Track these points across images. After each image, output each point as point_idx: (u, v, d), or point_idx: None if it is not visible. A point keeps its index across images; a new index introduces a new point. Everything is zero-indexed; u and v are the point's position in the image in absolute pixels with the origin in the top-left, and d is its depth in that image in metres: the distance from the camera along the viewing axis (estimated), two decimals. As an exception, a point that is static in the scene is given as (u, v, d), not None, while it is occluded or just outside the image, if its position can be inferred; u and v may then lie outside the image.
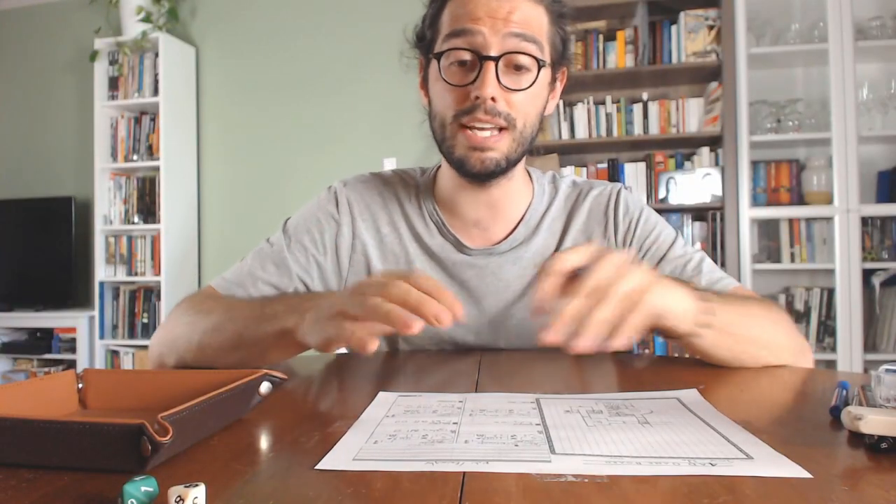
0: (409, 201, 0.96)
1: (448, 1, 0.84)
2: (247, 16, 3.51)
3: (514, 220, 0.93)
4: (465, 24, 0.80)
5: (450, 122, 0.83)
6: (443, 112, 0.84)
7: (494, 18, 0.79)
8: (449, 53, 0.82)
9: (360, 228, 0.94)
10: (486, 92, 0.79)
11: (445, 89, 0.83)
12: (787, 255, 2.74)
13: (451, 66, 0.82)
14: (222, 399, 0.45)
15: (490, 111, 0.80)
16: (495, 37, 0.79)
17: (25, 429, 0.39)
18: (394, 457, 0.40)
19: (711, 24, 2.79)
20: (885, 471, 0.38)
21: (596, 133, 2.96)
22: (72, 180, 3.66)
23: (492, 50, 0.79)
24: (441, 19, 0.85)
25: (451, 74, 0.82)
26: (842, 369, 2.55)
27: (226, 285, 0.89)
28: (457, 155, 0.84)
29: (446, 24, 0.83)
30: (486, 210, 0.92)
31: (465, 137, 0.82)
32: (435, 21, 0.86)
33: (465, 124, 0.82)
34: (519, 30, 0.80)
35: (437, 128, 0.86)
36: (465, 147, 0.83)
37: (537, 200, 0.95)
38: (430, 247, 0.93)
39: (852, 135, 2.56)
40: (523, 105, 0.82)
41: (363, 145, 3.32)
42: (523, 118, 0.83)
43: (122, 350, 3.40)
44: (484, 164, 0.83)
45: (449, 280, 0.92)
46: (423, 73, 0.91)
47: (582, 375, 0.74)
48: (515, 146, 0.84)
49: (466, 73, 0.81)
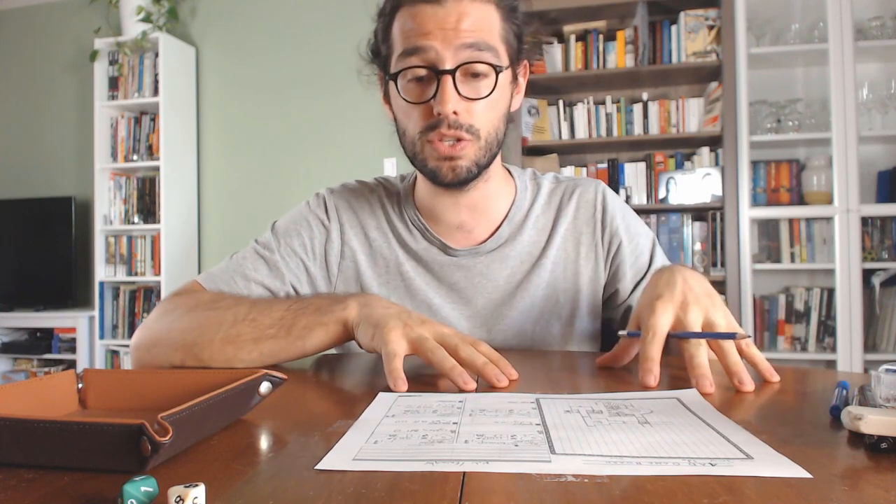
0: (392, 209, 0.96)
1: (396, 14, 0.83)
2: (247, 16, 3.51)
3: (498, 220, 0.94)
4: (416, 41, 0.79)
5: (417, 138, 0.84)
6: (410, 129, 0.85)
7: (444, 30, 0.78)
8: (405, 72, 0.81)
9: (349, 235, 0.94)
10: (446, 108, 0.79)
11: (407, 107, 0.83)
12: (787, 255, 2.74)
13: (408, 83, 0.82)
14: (222, 399, 0.45)
15: (453, 125, 0.80)
16: (448, 50, 0.78)
17: (25, 429, 0.39)
18: (394, 457, 0.40)
19: (711, 24, 2.79)
20: (885, 471, 0.38)
21: (596, 133, 2.96)
22: (72, 180, 3.66)
23: (447, 63, 0.79)
24: (392, 33, 0.84)
25: (410, 92, 0.82)
26: (842, 369, 2.55)
27: (213, 281, 0.88)
28: (429, 167, 0.85)
29: (398, 42, 0.82)
30: (468, 213, 0.92)
31: (432, 149, 0.83)
32: (387, 35, 0.85)
33: (431, 140, 0.82)
34: (471, 39, 0.79)
35: (407, 144, 0.87)
36: (434, 158, 0.83)
37: (520, 197, 0.95)
38: (416, 251, 0.93)
39: (852, 135, 2.56)
40: (486, 112, 0.82)
41: (363, 145, 3.32)
42: (486, 126, 0.83)
43: (122, 350, 3.40)
44: (455, 171, 0.83)
45: (438, 283, 0.92)
46: (383, 87, 0.91)
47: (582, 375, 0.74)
48: (482, 153, 0.84)
49: (425, 89, 0.81)
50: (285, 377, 0.53)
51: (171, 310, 0.81)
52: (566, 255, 0.94)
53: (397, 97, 0.84)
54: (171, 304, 0.83)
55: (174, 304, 0.83)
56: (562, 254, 0.94)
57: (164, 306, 0.83)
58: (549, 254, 0.93)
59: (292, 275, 0.91)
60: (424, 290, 0.92)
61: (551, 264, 0.93)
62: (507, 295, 0.92)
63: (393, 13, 0.84)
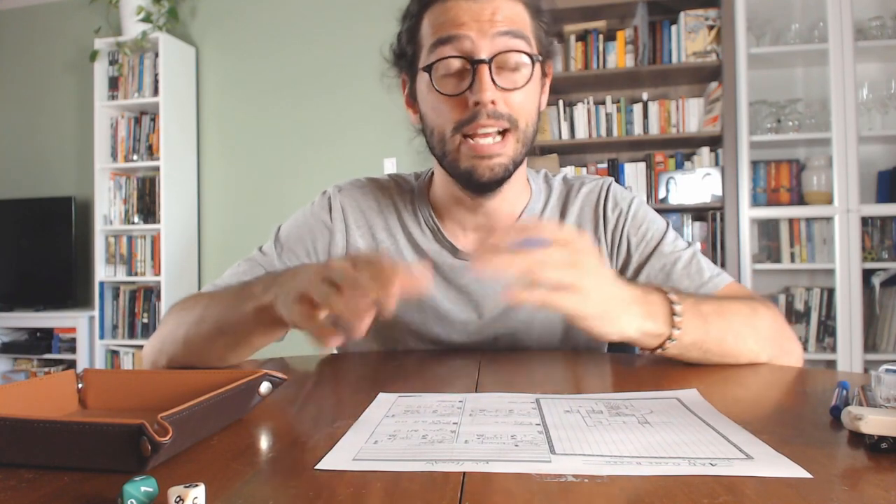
0: (406, 207, 0.95)
1: (425, 13, 0.82)
2: (247, 16, 3.50)
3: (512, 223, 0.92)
4: (450, 31, 0.78)
5: (450, 134, 0.81)
6: (441, 125, 0.82)
7: (479, 21, 0.78)
8: (438, 64, 0.79)
9: (355, 236, 0.94)
10: (485, 96, 0.77)
11: (440, 101, 0.81)
12: (787, 255, 2.74)
13: (442, 76, 0.80)
14: (222, 399, 0.45)
15: (492, 115, 0.78)
16: (484, 39, 0.78)
17: (25, 429, 0.39)
18: (394, 457, 0.40)
19: (711, 24, 2.79)
20: (885, 471, 0.38)
21: (596, 133, 2.96)
22: (72, 180, 3.66)
23: (483, 53, 0.77)
24: (421, 33, 0.83)
25: (444, 85, 0.80)
26: (842, 369, 2.55)
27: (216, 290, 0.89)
28: (463, 167, 0.82)
29: (429, 35, 0.81)
30: (484, 220, 0.91)
31: (468, 148, 0.80)
32: (414, 36, 0.84)
33: (468, 133, 0.80)
34: (506, 28, 0.78)
35: (437, 143, 0.84)
36: (470, 157, 0.81)
37: (535, 200, 0.95)
38: (427, 252, 0.92)
39: (852, 135, 2.56)
40: (523, 103, 0.81)
41: (363, 145, 3.32)
42: (525, 117, 0.82)
43: (122, 350, 3.40)
44: (493, 171, 0.81)
45: (447, 285, 0.92)
46: (406, 89, 0.90)
47: (582, 375, 0.74)
48: (520, 147, 0.83)
49: (459, 82, 0.79)
50: (285, 377, 0.53)
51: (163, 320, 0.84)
52: None
53: (427, 93, 0.82)
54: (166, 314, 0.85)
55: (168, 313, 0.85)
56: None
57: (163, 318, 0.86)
58: None
59: None
60: (432, 294, 0.91)
61: None
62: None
63: (421, 12, 0.83)
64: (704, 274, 0.87)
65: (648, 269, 0.89)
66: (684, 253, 0.89)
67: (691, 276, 0.87)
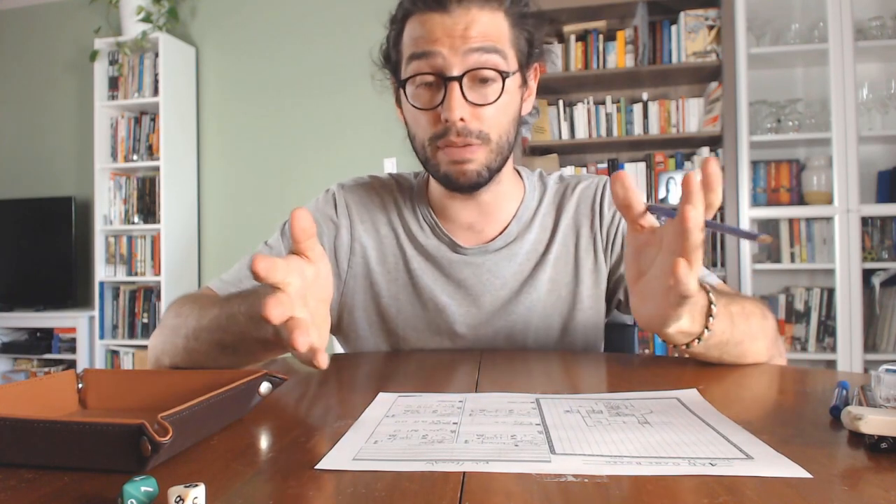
0: (405, 204, 0.97)
1: (406, 22, 0.85)
2: (247, 16, 3.51)
3: (507, 219, 0.95)
4: (423, 46, 0.81)
5: (427, 144, 0.85)
6: (420, 135, 0.86)
7: (452, 37, 0.79)
8: (413, 78, 0.82)
9: (359, 231, 0.95)
10: (453, 115, 0.80)
11: (417, 113, 0.84)
12: (787, 255, 2.74)
13: (417, 89, 0.83)
14: (222, 399, 0.45)
15: (462, 132, 0.81)
16: (455, 56, 0.79)
17: (25, 429, 0.39)
18: (394, 457, 0.40)
19: (711, 24, 2.79)
20: (885, 471, 0.38)
21: (596, 133, 2.96)
22: (72, 180, 3.66)
23: (454, 70, 0.80)
24: (402, 41, 0.85)
25: (419, 98, 0.83)
26: (842, 369, 2.55)
27: (223, 287, 0.89)
28: (442, 172, 0.86)
29: (407, 47, 0.84)
30: (478, 214, 0.93)
31: (444, 154, 0.84)
32: (398, 42, 0.87)
33: (441, 146, 0.83)
34: (478, 44, 0.80)
35: (419, 149, 0.88)
36: (446, 163, 0.84)
37: (529, 197, 0.97)
38: (426, 247, 0.94)
39: (852, 135, 2.56)
40: (495, 117, 0.83)
41: (363, 145, 3.32)
42: (497, 130, 0.84)
43: (122, 350, 3.40)
44: (466, 175, 0.84)
45: (445, 280, 0.93)
46: (396, 92, 0.92)
47: (582, 375, 0.74)
48: (493, 157, 0.85)
49: (433, 95, 0.82)
50: (285, 377, 0.53)
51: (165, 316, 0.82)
52: (566, 249, 0.95)
53: (406, 103, 0.86)
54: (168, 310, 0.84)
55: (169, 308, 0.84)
56: (562, 248, 0.95)
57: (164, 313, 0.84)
58: (552, 249, 0.94)
59: None
60: (431, 288, 0.93)
61: (553, 259, 0.94)
62: (514, 292, 0.92)
63: (404, 21, 0.85)
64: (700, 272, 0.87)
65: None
66: None
67: None
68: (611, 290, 0.96)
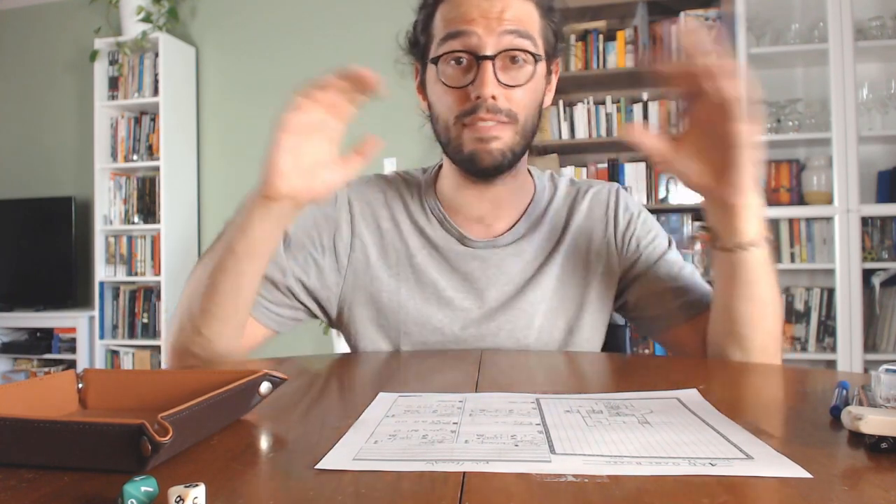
0: (412, 198, 0.97)
1: (439, 5, 0.86)
2: (247, 16, 3.51)
3: (517, 215, 0.95)
4: (459, 26, 0.82)
5: (453, 123, 0.86)
6: (445, 114, 0.86)
7: (488, 18, 0.81)
8: (446, 56, 0.84)
9: (360, 226, 0.95)
10: (485, 91, 0.81)
11: (445, 92, 0.85)
12: (787, 255, 2.74)
13: (448, 68, 0.84)
14: (222, 399, 0.45)
15: (492, 109, 0.82)
16: (490, 36, 0.81)
17: (25, 429, 0.39)
18: (394, 457, 0.40)
19: (711, 24, 2.79)
20: (885, 471, 0.38)
21: (596, 133, 2.96)
22: (72, 180, 3.66)
23: (488, 49, 0.81)
24: (433, 24, 0.87)
25: (450, 76, 0.84)
26: (842, 369, 2.55)
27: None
28: (466, 152, 0.86)
29: (440, 28, 0.85)
30: (490, 207, 0.93)
31: (469, 132, 0.85)
32: (427, 26, 0.88)
33: (468, 124, 0.84)
34: (513, 27, 0.82)
35: (441, 130, 0.88)
36: (472, 141, 0.85)
37: (539, 195, 0.97)
38: (433, 239, 0.94)
39: (852, 135, 2.56)
40: (523, 99, 0.85)
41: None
42: (524, 111, 0.85)
43: (122, 350, 3.40)
44: (492, 155, 0.85)
45: (451, 272, 0.93)
46: (419, 77, 0.94)
47: (582, 375, 0.74)
48: (518, 139, 0.86)
49: (464, 74, 0.83)
50: (285, 377, 0.53)
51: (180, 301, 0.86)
52: (577, 251, 0.95)
53: (434, 83, 0.86)
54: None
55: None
56: (572, 250, 0.95)
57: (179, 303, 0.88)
58: (561, 249, 0.94)
59: (299, 268, 0.91)
60: (436, 281, 0.92)
61: (562, 260, 0.94)
62: (519, 289, 0.92)
63: (436, 5, 0.86)
64: (705, 286, 0.92)
65: (656, 270, 0.93)
66: (688, 264, 0.94)
67: (696, 284, 0.92)
68: (618, 293, 0.96)
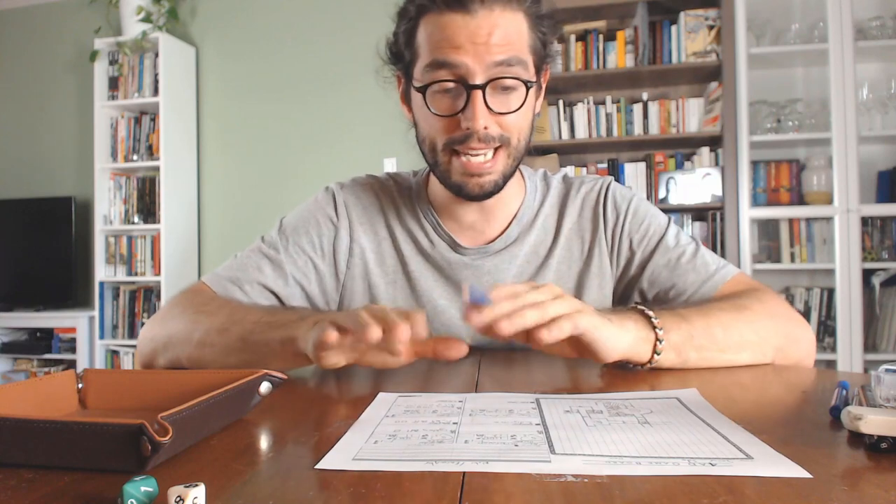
0: (405, 204, 0.96)
1: (421, 19, 0.80)
2: (247, 16, 3.50)
3: (508, 220, 0.93)
4: (446, 54, 0.77)
5: (441, 148, 0.82)
6: (432, 137, 0.83)
7: (476, 44, 0.76)
8: (432, 84, 0.79)
9: (358, 232, 0.94)
10: (477, 124, 0.78)
11: (433, 118, 0.81)
12: (787, 255, 2.74)
13: (435, 94, 0.80)
14: (222, 399, 0.45)
15: (484, 139, 0.80)
16: (479, 65, 0.77)
17: (25, 429, 0.39)
18: (394, 457, 0.40)
19: (711, 24, 2.79)
20: (885, 471, 0.38)
21: (596, 133, 2.96)
22: (72, 180, 3.66)
23: (477, 78, 0.77)
24: (417, 39, 0.82)
25: (438, 103, 0.80)
26: (842, 369, 2.55)
27: (219, 282, 0.88)
28: (453, 181, 0.84)
29: (425, 51, 0.80)
30: (480, 214, 0.92)
31: (460, 164, 0.82)
32: (411, 40, 0.83)
33: (459, 151, 0.81)
34: (503, 56, 0.77)
35: (428, 151, 0.85)
36: (459, 174, 0.82)
37: (530, 198, 0.95)
38: (426, 248, 0.93)
39: (852, 135, 2.56)
40: (515, 123, 0.82)
41: (363, 145, 3.32)
42: (517, 133, 0.83)
43: (122, 350, 3.40)
44: (483, 188, 0.83)
45: (445, 282, 0.92)
46: (401, 87, 0.90)
47: (582, 375, 0.74)
48: (511, 161, 0.84)
49: (453, 101, 0.80)
50: (285, 377, 0.53)
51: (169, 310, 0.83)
52: (570, 253, 0.94)
53: (421, 107, 0.83)
54: (171, 304, 0.84)
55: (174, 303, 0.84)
56: (566, 253, 0.94)
57: (165, 308, 0.84)
58: (554, 253, 0.93)
59: (300, 273, 0.90)
60: (430, 291, 0.92)
61: (556, 263, 0.93)
62: None
63: (418, 17, 0.81)
64: (710, 266, 0.87)
65: (653, 264, 0.90)
66: (688, 247, 0.89)
67: (697, 269, 0.87)
68: (619, 293, 0.94)
